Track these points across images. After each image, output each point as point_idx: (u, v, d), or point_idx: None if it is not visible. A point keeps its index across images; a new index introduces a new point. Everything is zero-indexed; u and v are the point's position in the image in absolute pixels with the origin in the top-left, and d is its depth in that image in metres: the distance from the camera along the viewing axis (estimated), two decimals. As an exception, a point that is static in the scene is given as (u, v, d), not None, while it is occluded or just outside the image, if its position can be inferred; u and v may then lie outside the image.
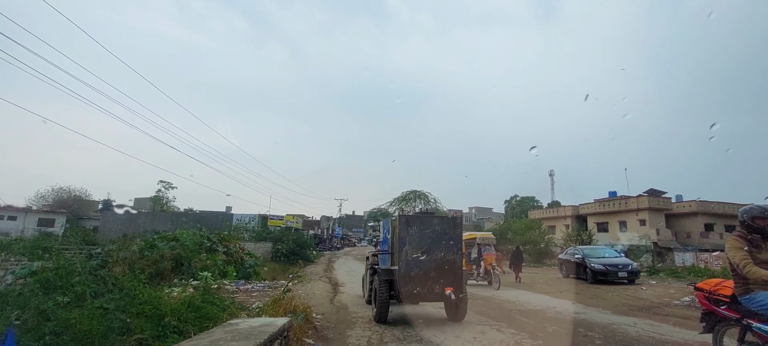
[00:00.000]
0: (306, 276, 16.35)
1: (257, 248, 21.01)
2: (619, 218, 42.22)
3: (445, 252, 6.98)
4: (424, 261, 6.84)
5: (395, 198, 36.01)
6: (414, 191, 35.50)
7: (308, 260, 27.05)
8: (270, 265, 19.14)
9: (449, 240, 7.05)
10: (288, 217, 39.21)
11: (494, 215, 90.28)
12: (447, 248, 7.00)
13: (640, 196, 40.41)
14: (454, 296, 6.63)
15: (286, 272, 18.95)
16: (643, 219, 39.40)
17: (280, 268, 19.70)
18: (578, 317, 7.67)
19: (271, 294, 8.71)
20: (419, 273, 6.78)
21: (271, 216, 39.10)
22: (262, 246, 22.26)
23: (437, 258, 6.90)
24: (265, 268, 17.88)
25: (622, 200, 42.37)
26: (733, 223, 41.23)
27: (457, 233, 7.20)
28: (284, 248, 23.28)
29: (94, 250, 9.54)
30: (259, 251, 21.32)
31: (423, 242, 6.91)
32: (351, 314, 7.55)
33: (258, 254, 21.05)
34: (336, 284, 13.43)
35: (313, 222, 62.81)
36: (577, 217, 48.69)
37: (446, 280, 6.82)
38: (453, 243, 7.06)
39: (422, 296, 6.91)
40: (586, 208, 47.19)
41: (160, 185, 47.27)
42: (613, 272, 13.80)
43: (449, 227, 7.19)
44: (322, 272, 19.33)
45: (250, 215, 39.21)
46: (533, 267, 32.03)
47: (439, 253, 6.93)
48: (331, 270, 20.40)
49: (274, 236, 25.20)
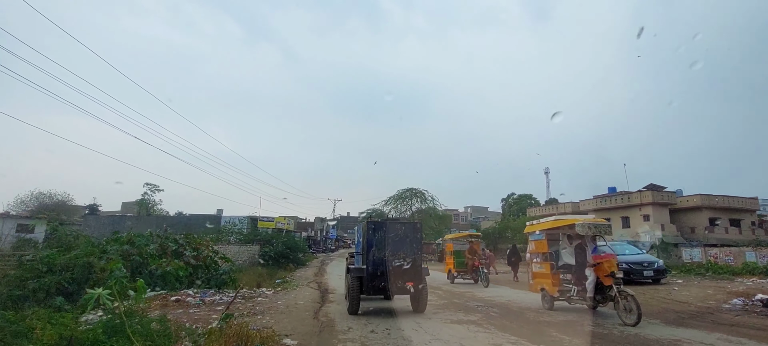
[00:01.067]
0: (293, 281, 14.69)
1: (242, 252, 19.26)
2: (622, 213, 40.96)
3: (406, 252, 8.02)
4: (387, 261, 7.84)
5: (390, 196, 34.44)
6: (410, 189, 33.94)
7: (299, 263, 25.34)
8: (255, 270, 17.40)
9: (411, 243, 8.12)
10: (279, 218, 37.37)
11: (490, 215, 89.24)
12: (408, 249, 8.05)
13: (643, 190, 39.19)
14: (412, 290, 7.70)
15: (274, 276, 17.30)
16: (647, 214, 38.17)
17: (268, 272, 17.99)
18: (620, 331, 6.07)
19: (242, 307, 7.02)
20: (384, 271, 7.80)
21: (261, 218, 37.27)
22: (248, 249, 20.48)
23: (399, 258, 7.91)
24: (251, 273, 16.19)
25: (625, 196, 41.14)
26: (738, 217, 40.20)
27: (417, 236, 8.31)
28: (272, 251, 21.52)
29: (26, 257, 7.69)
30: (245, 255, 19.57)
31: (387, 244, 7.93)
32: (338, 334, 5.90)
33: (243, 257, 19.29)
34: (325, 291, 11.79)
35: (307, 224, 60.98)
36: (577, 214, 47.47)
37: (407, 276, 7.75)
38: (414, 245, 8.15)
39: (387, 291, 7.83)
40: (586, 204, 45.91)
41: (145, 188, 45.15)
42: (637, 270, 12.25)
43: (410, 231, 8.29)
44: (312, 276, 17.65)
45: (239, 216, 37.36)
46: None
47: (401, 253, 7.96)
48: (323, 274, 18.75)
49: (262, 238, 23.42)
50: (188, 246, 9.74)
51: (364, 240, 8.38)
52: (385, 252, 7.96)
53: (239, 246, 19.41)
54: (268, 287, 13.38)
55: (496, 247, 38.24)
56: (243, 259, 19.08)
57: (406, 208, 34.59)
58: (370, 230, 8.15)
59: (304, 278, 16.18)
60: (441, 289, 12.91)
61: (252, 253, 21.10)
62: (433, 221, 34.48)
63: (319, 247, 50.94)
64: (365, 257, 8.15)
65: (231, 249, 17.61)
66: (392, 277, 7.76)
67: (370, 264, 7.91)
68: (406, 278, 7.76)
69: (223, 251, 15.49)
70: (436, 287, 13.24)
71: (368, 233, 8.14)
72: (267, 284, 14.56)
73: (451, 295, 10.95)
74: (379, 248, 8.02)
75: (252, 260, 20.50)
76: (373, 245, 8.04)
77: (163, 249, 9.32)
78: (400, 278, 7.77)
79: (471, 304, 9.35)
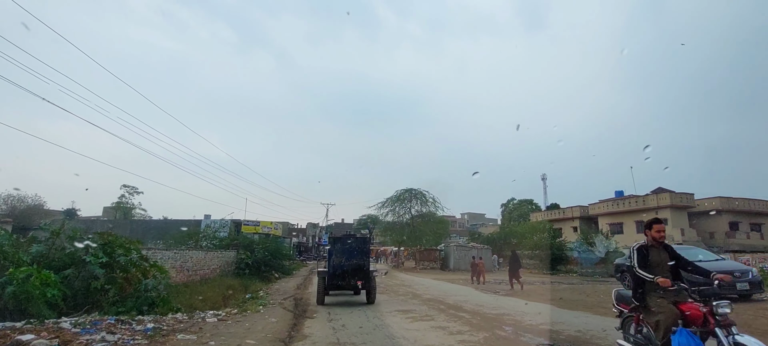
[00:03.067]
0: (266, 297, 11.58)
1: (212, 260, 16.06)
2: (636, 217, 38.17)
3: (357, 259, 10.71)
4: (343, 264, 10.55)
5: (388, 198, 31.29)
6: (409, 190, 30.83)
7: (284, 271, 22.12)
8: (224, 282, 14.23)
9: (360, 252, 10.83)
10: (265, 222, 34.15)
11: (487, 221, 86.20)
12: (359, 257, 10.75)
13: (659, 192, 36.42)
14: (361, 286, 10.60)
15: (249, 288, 14.17)
16: (665, 218, 35.33)
17: (242, 284, 14.84)
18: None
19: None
20: (341, 272, 10.50)
21: (245, 222, 34.02)
22: (221, 257, 17.29)
23: (352, 263, 10.62)
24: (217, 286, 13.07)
25: (639, 199, 38.37)
26: (760, 221, 37.57)
27: (366, 247, 11.15)
28: (250, 259, 18.35)
29: None
30: (216, 262, 16.38)
31: (344, 253, 10.70)
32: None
33: (214, 265, 16.10)
34: (304, 311, 8.72)
35: (298, 230, 57.68)
36: (586, 218, 44.70)
37: (358, 276, 10.53)
38: (363, 254, 10.87)
39: (343, 286, 10.75)
40: (596, 208, 43.16)
41: (123, 190, 41.68)
42: (728, 284, 8.91)
43: (361, 243, 11.10)
44: (293, 288, 14.54)
45: (221, 220, 34.01)
46: (547, 275, 27.63)
47: (353, 260, 10.66)
48: (308, 285, 15.64)
49: (240, 243, 20.26)
50: (103, 251, 6.62)
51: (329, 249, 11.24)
52: (342, 259, 10.53)
53: (208, 253, 16.21)
54: (232, 305, 10.24)
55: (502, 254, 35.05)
56: (213, 267, 15.89)
57: (404, 211, 31.46)
58: (332, 242, 11.26)
59: (282, 292, 13.07)
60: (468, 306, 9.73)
61: (227, 260, 17.91)
62: (434, 226, 31.45)
63: (311, 254, 47.62)
64: (329, 262, 10.74)
65: (195, 256, 14.43)
66: (347, 277, 10.42)
67: (331, 267, 10.47)
68: (356, 277, 10.43)
69: (189, 258, 12.46)
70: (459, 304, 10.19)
71: (331, 244, 11.20)
72: (234, 301, 11.44)
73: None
74: (338, 255, 10.59)
75: (226, 269, 17.35)
76: (333, 253, 10.65)
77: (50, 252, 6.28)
78: (353, 277, 10.43)
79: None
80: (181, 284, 12.24)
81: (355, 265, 10.54)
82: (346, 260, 10.57)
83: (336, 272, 10.42)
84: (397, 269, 30.38)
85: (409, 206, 31.25)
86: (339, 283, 10.52)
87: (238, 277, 17.21)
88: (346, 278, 10.45)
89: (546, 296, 12.48)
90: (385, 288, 14.96)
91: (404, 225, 30.84)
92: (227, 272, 17.35)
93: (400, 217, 31.35)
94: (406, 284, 17.25)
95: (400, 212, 31.41)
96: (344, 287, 10.69)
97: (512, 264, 16.58)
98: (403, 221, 31.23)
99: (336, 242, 11.06)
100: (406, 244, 31.16)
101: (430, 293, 13.22)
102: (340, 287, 10.71)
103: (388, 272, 22.39)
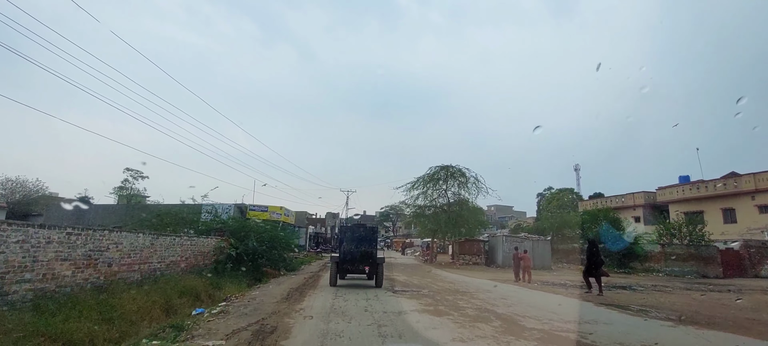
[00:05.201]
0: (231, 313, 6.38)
1: (181, 249, 11.04)
2: (723, 204, 30.98)
3: (366, 246, 11.97)
4: (354, 251, 11.85)
5: (419, 178, 25.62)
6: (445, 167, 24.99)
7: (287, 266, 17.06)
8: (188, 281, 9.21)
9: (369, 239, 12.15)
10: (274, 208, 29.29)
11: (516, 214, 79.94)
12: (367, 244, 12.01)
13: (759, 173, 28.99)
14: (368, 269, 11.72)
15: (213, 295, 9.17)
16: (765, 204, 28.11)
17: (209, 285, 9.88)
18: None
19: None
20: (351, 258, 11.82)
21: (251, 206, 29.29)
22: (196, 245, 12.32)
23: (361, 249, 11.85)
24: (160, 289, 8.16)
25: (730, 180, 31.04)
26: None
27: (374, 235, 12.56)
28: (235, 249, 13.35)
29: None
30: (181, 251, 11.36)
31: (354, 240, 12.02)
32: None
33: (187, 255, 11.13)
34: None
35: (316, 220, 52.99)
36: (652, 206, 37.65)
37: (366, 262, 11.75)
38: (371, 242, 12.18)
39: (353, 271, 12.05)
40: (667, 194, 35.99)
41: (126, 174, 37.79)
42: None
43: (369, 232, 12.54)
44: (281, 295, 9.40)
45: (224, 205, 29.32)
46: (620, 274, 21.44)
47: (362, 247, 11.90)
48: (307, 293, 10.48)
49: (223, 228, 15.35)
50: None
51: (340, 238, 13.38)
52: (352, 246, 11.98)
53: (176, 239, 11.21)
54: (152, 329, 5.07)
55: (554, 247, 28.70)
56: (171, 260, 10.87)
57: (438, 194, 25.74)
58: (343, 230, 13.66)
59: (255, 306, 7.78)
60: None
61: (202, 250, 12.94)
62: (475, 213, 25.73)
63: (330, 246, 42.77)
64: (340, 249, 12.35)
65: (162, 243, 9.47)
66: (356, 262, 11.78)
67: (342, 253, 12.01)
68: (364, 263, 11.76)
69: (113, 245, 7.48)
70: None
71: (341, 232, 13.95)
72: (181, 313, 6.37)
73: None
74: (348, 243, 12.09)
75: (201, 262, 12.42)
76: (344, 241, 12.34)
77: None
78: (362, 263, 11.78)
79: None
80: (91, 286, 7.39)
81: (363, 252, 11.87)
82: (355, 247, 11.92)
83: (346, 258, 11.84)
84: (431, 264, 24.83)
85: (443, 189, 25.49)
86: (349, 267, 11.94)
87: (216, 273, 12.24)
88: (355, 264, 11.82)
89: (663, 308, 8.33)
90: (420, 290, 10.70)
91: (439, 211, 25.17)
92: (202, 266, 12.38)
93: (432, 201, 25.68)
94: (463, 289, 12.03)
95: (432, 196, 25.72)
96: (353, 271, 12.07)
97: (592, 259, 11.83)
98: (437, 205, 25.52)
99: (346, 231, 12.97)
100: (443, 233, 25.49)
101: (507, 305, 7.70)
102: (350, 271, 12.13)
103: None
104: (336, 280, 11.77)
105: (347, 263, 11.71)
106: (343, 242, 12.20)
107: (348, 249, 11.81)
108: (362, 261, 11.61)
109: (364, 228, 12.73)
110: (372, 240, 12.19)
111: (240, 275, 13.40)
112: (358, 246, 11.83)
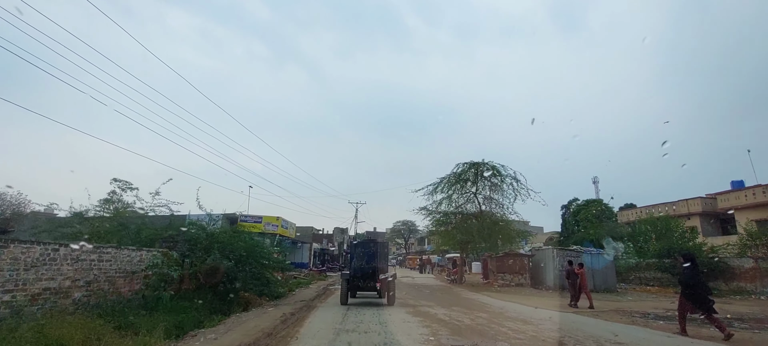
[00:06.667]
0: None
1: (88, 268, 6.64)
2: (810, 210, 25.49)
3: (376, 262, 11.72)
4: (364, 268, 11.69)
5: (442, 179, 20.87)
6: (475, 165, 20.21)
7: (270, 293, 12.52)
8: (69, 329, 4.67)
9: (379, 256, 11.98)
10: (269, 218, 24.87)
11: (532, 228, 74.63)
12: (378, 260, 11.80)
13: None
14: (379, 286, 11.30)
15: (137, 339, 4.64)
16: None
17: (118, 327, 5.28)
18: None
19: None
20: (361, 275, 11.57)
21: (243, 217, 24.87)
22: (121, 260, 7.94)
23: (371, 266, 11.66)
24: None
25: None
26: None
27: (384, 251, 12.86)
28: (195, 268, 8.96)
29: None
30: (92, 272, 6.92)
31: (364, 257, 11.94)
32: None
33: (102, 278, 6.71)
34: None
35: (323, 236, 48.35)
36: (711, 215, 32.21)
37: (376, 279, 11.34)
38: (381, 258, 12.14)
39: (364, 288, 11.65)
40: (732, 199, 30.53)
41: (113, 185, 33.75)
42: None
43: (380, 247, 12.42)
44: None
45: (214, 215, 24.83)
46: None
47: (372, 263, 11.71)
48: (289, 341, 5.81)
49: (174, 236, 11.10)
50: None
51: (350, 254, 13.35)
52: (362, 262, 11.83)
53: (101, 252, 6.88)
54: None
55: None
56: (69, 282, 6.44)
57: (465, 199, 21.00)
58: (352, 247, 13.21)
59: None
60: None
61: (130, 269, 8.59)
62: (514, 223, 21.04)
63: (338, 263, 37.99)
64: (350, 266, 12.37)
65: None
66: (366, 279, 11.49)
67: (352, 270, 11.82)
68: (375, 279, 11.36)
69: None
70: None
71: (351, 248, 13.80)
72: None
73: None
74: (358, 259, 11.98)
75: (120, 286, 8.04)
76: (354, 257, 12.23)
77: None
78: (372, 280, 11.41)
79: None
80: None
81: (374, 267, 11.66)
82: (366, 263, 11.85)
83: (356, 275, 11.63)
84: (460, 285, 19.86)
85: (473, 191, 20.71)
86: (359, 284, 11.61)
87: (146, 306, 7.87)
88: (366, 280, 11.53)
89: None
90: None
91: (469, 219, 20.33)
92: (125, 295, 7.99)
93: (459, 207, 20.88)
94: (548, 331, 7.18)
95: (458, 201, 20.96)
96: (364, 288, 11.67)
97: (693, 282, 8.02)
98: (465, 211, 20.69)
99: (356, 246, 12.87)
100: (476, 246, 20.62)
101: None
102: (360, 288, 11.71)
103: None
104: (347, 299, 11.56)
105: (358, 280, 11.54)
106: (353, 258, 12.30)
107: (358, 265, 11.80)
108: (373, 277, 11.43)
109: (373, 243, 12.81)
110: (383, 257, 12.40)
111: (195, 306, 8.91)
112: (368, 262, 11.81)
